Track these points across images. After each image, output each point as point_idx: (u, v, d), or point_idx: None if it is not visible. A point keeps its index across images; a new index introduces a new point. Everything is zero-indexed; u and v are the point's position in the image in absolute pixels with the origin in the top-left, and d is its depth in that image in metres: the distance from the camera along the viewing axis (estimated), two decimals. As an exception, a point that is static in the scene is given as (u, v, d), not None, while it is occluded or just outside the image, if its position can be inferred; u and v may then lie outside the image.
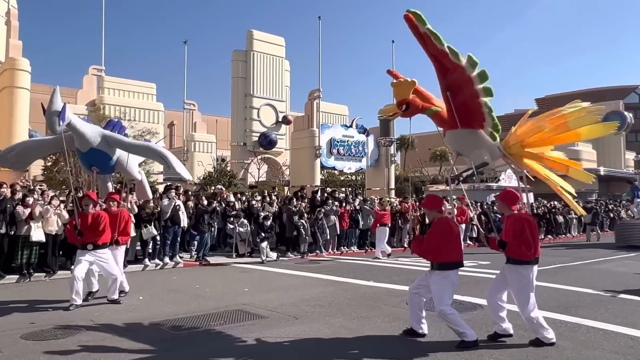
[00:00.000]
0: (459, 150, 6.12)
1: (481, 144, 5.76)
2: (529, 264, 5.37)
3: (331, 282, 9.84)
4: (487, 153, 5.82)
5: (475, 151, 5.84)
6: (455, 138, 5.85)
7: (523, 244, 5.27)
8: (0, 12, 28.02)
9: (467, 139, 5.79)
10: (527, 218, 5.44)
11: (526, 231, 5.29)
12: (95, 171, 8.05)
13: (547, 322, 6.39)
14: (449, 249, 5.39)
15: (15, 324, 6.33)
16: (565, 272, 11.81)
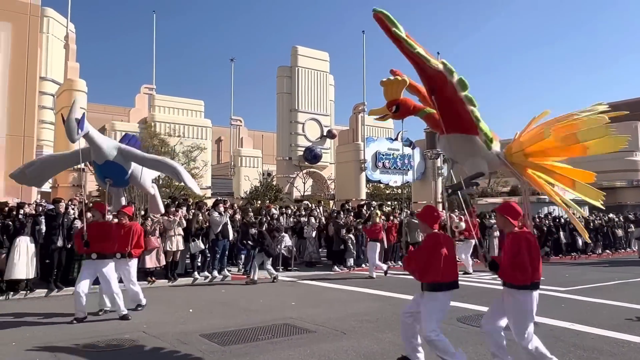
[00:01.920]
0: (453, 157, 5.59)
1: (477, 152, 5.16)
2: (526, 289, 4.62)
3: (378, 297, 9.71)
4: (483, 162, 5.18)
5: (470, 159, 5.21)
6: (449, 143, 5.29)
7: (517, 267, 4.58)
8: (60, 37, 29.59)
9: (461, 145, 5.22)
10: (526, 237, 4.73)
11: (522, 252, 4.60)
12: (109, 183, 8.01)
13: (608, 341, 6.11)
14: (437, 268, 4.82)
15: (73, 334, 6.55)
16: (626, 288, 11.22)
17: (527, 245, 4.62)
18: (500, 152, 5.23)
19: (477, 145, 5.09)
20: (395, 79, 5.02)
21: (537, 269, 4.63)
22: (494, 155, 5.16)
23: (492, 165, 5.27)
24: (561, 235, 20.19)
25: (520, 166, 5.23)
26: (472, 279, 12.62)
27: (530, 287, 4.61)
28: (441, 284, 4.87)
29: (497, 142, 5.27)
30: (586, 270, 15.15)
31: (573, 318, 7.49)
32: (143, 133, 25.95)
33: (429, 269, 4.85)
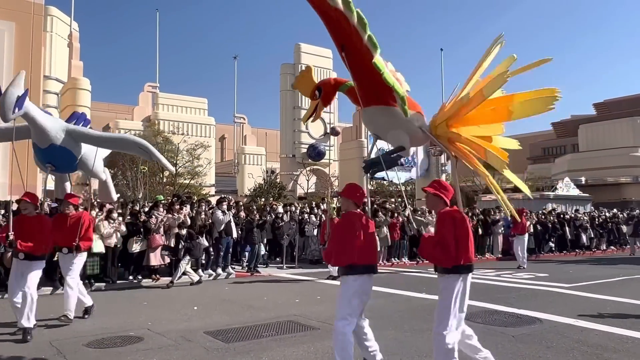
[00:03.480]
0: (375, 131, 5.09)
1: (397, 124, 4.65)
2: (451, 273, 4.17)
3: (382, 294, 9.72)
4: (404, 135, 4.68)
5: (391, 132, 4.75)
6: (368, 117, 4.87)
7: (437, 245, 4.15)
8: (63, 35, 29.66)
9: (380, 118, 4.79)
10: (453, 215, 4.22)
11: (445, 230, 4.15)
12: (49, 169, 7.04)
13: (612, 338, 6.10)
14: (352, 250, 4.38)
15: (77, 332, 6.59)
16: (631, 284, 11.20)
17: (452, 223, 4.16)
18: (425, 124, 4.80)
19: (397, 118, 4.62)
20: (301, 74, 4.93)
21: (464, 251, 4.13)
22: (416, 127, 4.72)
23: (415, 139, 4.84)
24: (566, 231, 20.15)
25: (444, 138, 4.73)
26: (476, 275, 12.59)
27: (455, 271, 4.16)
28: (355, 266, 4.41)
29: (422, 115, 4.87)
30: (590, 266, 15.10)
31: (577, 314, 7.49)
32: (147, 131, 26.01)
33: (344, 250, 4.44)
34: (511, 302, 8.62)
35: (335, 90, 4.95)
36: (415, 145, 5.03)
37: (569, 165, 49.47)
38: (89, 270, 10.25)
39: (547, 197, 29.29)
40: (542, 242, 19.56)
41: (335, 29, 4.34)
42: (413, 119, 4.66)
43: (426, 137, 4.81)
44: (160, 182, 22.00)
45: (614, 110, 61.27)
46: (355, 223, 4.47)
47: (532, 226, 19.04)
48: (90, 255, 10.22)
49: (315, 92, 4.81)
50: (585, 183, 41.99)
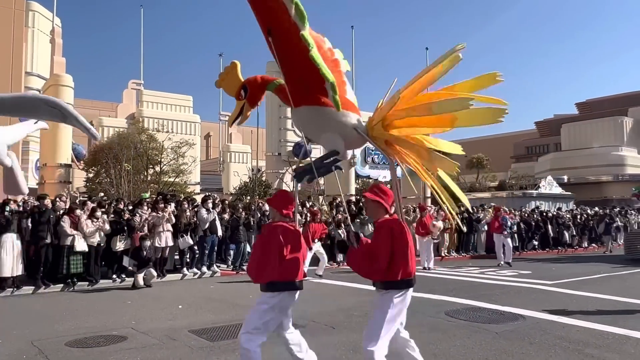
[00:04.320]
0: (307, 134, 4.71)
1: (330, 126, 4.21)
2: (392, 289, 3.85)
3: (368, 292, 9.72)
4: (338, 138, 4.24)
5: (324, 135, 4.31)
6: (300, 118, 4.39)
7: (367, 256, 3.85)
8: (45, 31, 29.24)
9: (312, 119, 4.31)
10: (391, 225, 3.89)
11: (380, 241, 3.85)
12: None
13: (594, 334, 6.20)
14: (273, 266, 4.05)
15: (60, 331, 6.51)
16: (611, 281, 11.38)
17: (389, 234, 3.83)
18: (361, 124, 4.31)
19: (330, 119, 4.18)
20: (226, 70, 4.46)
21: (403, 265, 3.82)
22: (351, 129, 4.23)
23: (350, 141, 4.35)
24: (549, 229, 20.40)
25: (381, 140, 4.30)
26: (460, 273, 12.72)
27: (394, 286, 3.86)
28: (276, 283, 4.08)
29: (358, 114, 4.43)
30: (572, 263, 15.31)
31: (559, 311, 7.59)
32: (131, 128, 25.75)
33: (264, 266, 4.10)
34: (495, 299, 8.71)
35: (263, 90, 4.49)
36: (352, 148, 4.60)
37: (552, 164, 50.13)
38: (72, 269, 10.13)
39: (530, 195, 29.67)
40: (525, 240, 19.79)
41: (259, 6, 3.86)
42: (346, 119, 4.21)
43: (363, 138, 4.33)
44: (144, 180, 21.79)
45: (596, 109, 62.24)
46: (279, 236, 4.07)
47: (516, 224, 19.28)
48: (73, 254, 10.13)
49: (240, 91, 4.37)
50: (567, 181, 42.58)
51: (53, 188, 19.66)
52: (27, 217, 9.91)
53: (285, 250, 4.07)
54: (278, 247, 4.06)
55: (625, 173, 45.29)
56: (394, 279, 3.83)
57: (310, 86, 4.04)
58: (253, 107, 4.52)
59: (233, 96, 4.45)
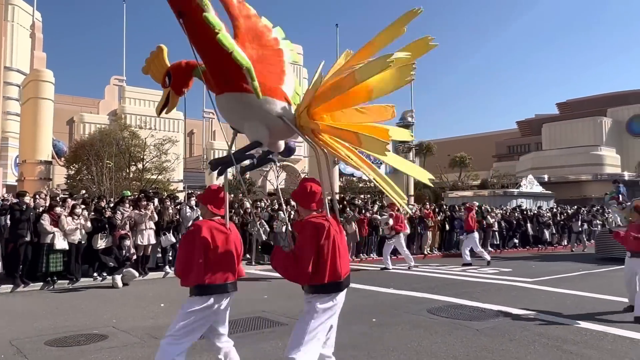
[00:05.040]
0: (231, 123, 4.32)
1: (253, 115, 3.88)
2: (320, 293, 3.61)
3: (351, 290, 9.71)
4: (262, 127, 3.91)
5: (247, 124, 3.99)
6: (222, 106, 4.05)
7: (290, 258, 3.57)
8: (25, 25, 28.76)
9: (234, 107, 3.98)
10: (316, 224, 3.62)
11: (303, 242, 3.57)
12: None
13: (572, 330, 6.31)
14: (199, 268, 3.78)
15: (39, 330, 6.43)
16: (590, 279, 11.58)
17: (314, 233, 3.57)
18: (289, 113, 3.97)
19: (253, 107, 3.85)
20: (151, 54, 4.04)
21: (331, 267, 3.58)
22: (275, 117, 3.88)
23: (276, 131, 3.98)
24: (528, 227, 20.69)
25: (308, 130, 3.95)
26: (442, 270, 12.83)
27: (321, 290, 3.61)
28: (203, 286, 3.82)
29: None
30: (552, 261, 15.54)
31: (539, 308, 7.71)
32: (113, 125, 25.47)
33: (190, 268, 3.83)
34: (476, 296, 8.81)
35: (188, 76, 4.08)
36: (279, 138, 4.24)
37: (533, 163, 50.78)
38: (52, 268, 10.00)
39: (511, 194, 30.02)
40: (506, 238, 20.06)
41: None
42: (270, 106, 3.84)
43: (287, 127, 3.97)
44: (126, 177, 21.57)
45: (576, 110, 63.22)
46: (206, 235, 3.79)
47: (497, 223, 19.52)
48: (53, 252, 9.99)
49: (165, 78, 4.01)
50: (548, 180, 43.17)
51: (33, 185, 19.38)
52: (5, 214, 9.75)
53: (214, 250, 3.80)
54: (204, 247, 3.77)
55: (604, 172, 46.05)
56: (320, 282, 3.57)
57: (230, 72, 3.67)
58: (179, 94, 4.15)
59: (159, 83, 4.10)
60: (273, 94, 3.90)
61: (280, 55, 4.31)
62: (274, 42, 4.35)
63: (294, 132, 4.04)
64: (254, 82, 3.62)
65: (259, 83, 3.69)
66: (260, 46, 4.13)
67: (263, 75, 3.82)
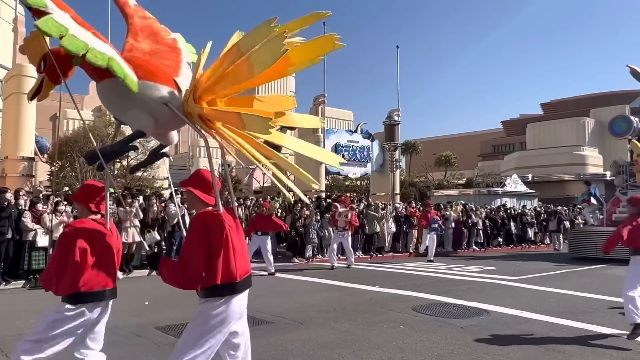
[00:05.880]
0: (112, 111, 4.00)
1: (134, 101, 3.50)
2: (212, 296, 3.25)
3: (337, 288, 9.82)
4: (145, 116, 3.55)
5: (128, 112, 3.62)
6: (103, 93, 3.68)
7: (188, 264, 3.17)
8: (7, 19, 28.29)
9: (114, 93, 3.59)
10: (205, 219, 3.29)
11: (195, 240, 3.21)
12: None
13: (554, 327, 6.40)
14: (74, 273, 3.38)
15: (21, 328, 6.34)
16: (572, 277, 11.73)
17: (203, 230, 3.22)
18: (177, 99, 3.62)
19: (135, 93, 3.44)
20: (31, 33, 3.57)
21: (224, 266, 3.20)
22: (159, 104, 3.52)
23: (162, 120, 3.63)
24: (512, 226, 20.90)
25: (195, 117, 3.62)
26: (427, 269, 12.92)
27: (213, 293, 3.24)
28: (79, 294, 3.43)
29: None
30: (535, 260, 15.72)
31: (522, 306, 7.80)
32: (98, 121, 25.18)
33: (63, 274, 3.41)
34: (460, 294, 8.89)
35: (67, 64, 3.62)
36: (168, 128, 3.89)
37: (517, 162, 51.24)
38: (34, 265, 9.87)
39: (495, 193, 30.29)
40: (490, 236, 20.25)
41: None
42: (153, 92, 3.49)
43: (174, 115, 3.60)
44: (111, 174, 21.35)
45: (560, 110, 63.94)
46: (81, 238, 3.40)
47: (481, 222, 19.70)
48: (35, 250, 9.86)
49: (40, 62, 3.57)
50: (532, 180, 43.62)
51: (15, 181, 19.09)
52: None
53: (91, 254, 3.42)
54: (80, 251, 3.39)
55: (586, 172, 46.61)
56: (213, 283, 3.18)
57: None
58: (55, 82, 3.70)
59: (35, 66, 3.69)
60: (155, 77, 3.55)
61: (177, 53, 4.05)
62: (172, 42, 4.15)
63: (183, 121, 3.67)
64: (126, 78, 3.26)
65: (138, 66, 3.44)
66: (155, 42, 3.95)
67: (152, 65, 3.64)
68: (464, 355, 5.26)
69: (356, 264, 14.28)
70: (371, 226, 16.30)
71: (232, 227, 3.31)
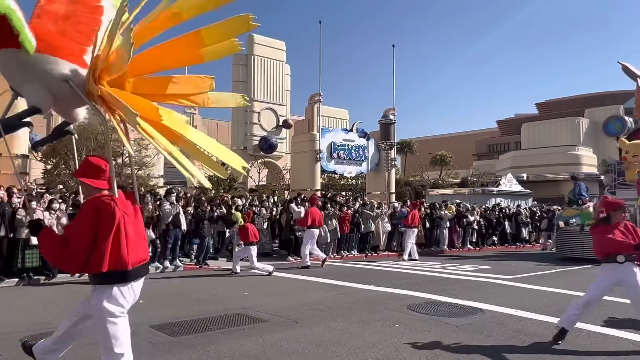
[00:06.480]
0: (10, 82, 3.70)
1: (32, 74, 3.33)
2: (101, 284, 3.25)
3: (332, 286, 9.82)
4: (42, 91, 3.38)
5: (26, 85, 3.46)
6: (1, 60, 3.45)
7: (69, 244, 3.09)
8: None
9: (10, 64, 3.41)
10: (96, 203, 3.21)
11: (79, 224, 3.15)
12: None
13: (548, 326, 6.41)
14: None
15: (14, 327, 6.31)
16: (566, 276, 11.78)
17: (92, 214, 3.15)
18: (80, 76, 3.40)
19: (31, 65, 3.28)
20: None
21: (114, 253, 3.15)
22: (59, 80, 3.32)
23: (62, 96, 3.43)
24: (506, 225, 20.97)
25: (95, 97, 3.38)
26: (422, 268, 12.95)
27: (102, 280, 3.22)
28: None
29: None
30: (529, 259, 15.78)
31: (516, 305, 7.82)
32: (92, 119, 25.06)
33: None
34: (455, 293, 8.91)
35: None
36: (71, 106, 3.69)
37: (512, 162, 51.42)
38: (28, 263, 9.82)
39: (490, 192, 30.37)
40: (485, 236, 20.32)
41: None
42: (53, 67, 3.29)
43: (74, 93, 3.38)
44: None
45: (555, 110, 64.20)
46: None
47: (476, 221, 19.76)
48: (29, 248, 9.82)
49: None
50: (526, 179, 43.78)
51: (9, 179, 18.99)
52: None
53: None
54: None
55: (580, 172, 46.82)
56: (99, 270, 3.13)
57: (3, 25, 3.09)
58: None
59: None
60: (57, 52, 3.34)
61: (96, 14, 3.78)
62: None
63: (77, 98, 3.45)
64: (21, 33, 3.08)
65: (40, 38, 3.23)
66: (72, 2, 3.71)
67: (57, 37, 3.44)
68: (459, 353, 5.27)
69: (351, 262, 14.28)
70: (366, 225, 16.32)
71: (127, 214, 3.26)
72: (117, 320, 3.33)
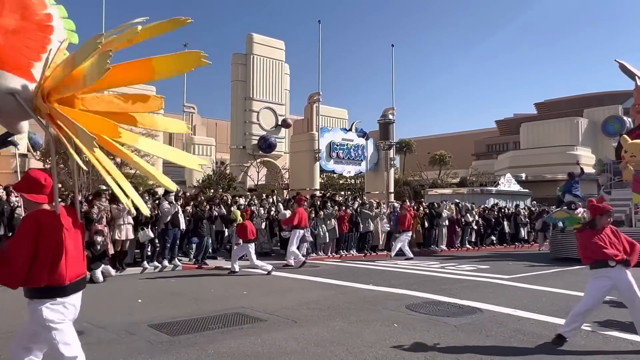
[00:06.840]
0: None
1: None
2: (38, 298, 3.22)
3: (330, 286, 9.82)
4: None
5: None
6: None
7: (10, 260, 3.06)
8: None
9: None
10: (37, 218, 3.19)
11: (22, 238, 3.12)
12: None
13: (547, 326, 6.42)
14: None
15: (11, 327, 6.29)
16: (564, 276, 11.79)
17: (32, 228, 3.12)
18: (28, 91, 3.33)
19: None
20: None
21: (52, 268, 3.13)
22: (5, 93, 3.26)
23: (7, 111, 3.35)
24: (505, 225, 20.99)
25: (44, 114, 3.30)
26: (421, 267, 12.95)
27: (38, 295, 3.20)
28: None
29: None
30: (528, 259, 15.79)
31: (515, 304, 7.82)
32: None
33: None
34: (454, 293, 8.91)
35: None
36: (14, 119, 3.59)
37: (511, 161, 51.45)
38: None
39: (489, 192, 30.40)
40: (484, 235, 20.34)
41: None
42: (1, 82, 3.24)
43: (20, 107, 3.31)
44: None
45: (554, 110, 64.25)
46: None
47: (475, 221, 19.78)
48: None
49: None
50: (525, 179, 43.80)
51: (8, 178, 18.97)
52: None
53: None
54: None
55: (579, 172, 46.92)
56: (37, 285, 3.12)
57: None
58: None
59: None
60: (4, 65, 3.32)
61: (46, 33, 3.77)
62: (44, 18, 3.82)
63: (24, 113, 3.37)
64: None
65: None
66: (23, 18, 3.71)
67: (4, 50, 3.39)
68: (457, 353, 5.27)
69: (350, 262, 14.29)
70: (365, 224, 16.31)
71: (68, 229, 3.25)
72: (61, 327, 3.30)
